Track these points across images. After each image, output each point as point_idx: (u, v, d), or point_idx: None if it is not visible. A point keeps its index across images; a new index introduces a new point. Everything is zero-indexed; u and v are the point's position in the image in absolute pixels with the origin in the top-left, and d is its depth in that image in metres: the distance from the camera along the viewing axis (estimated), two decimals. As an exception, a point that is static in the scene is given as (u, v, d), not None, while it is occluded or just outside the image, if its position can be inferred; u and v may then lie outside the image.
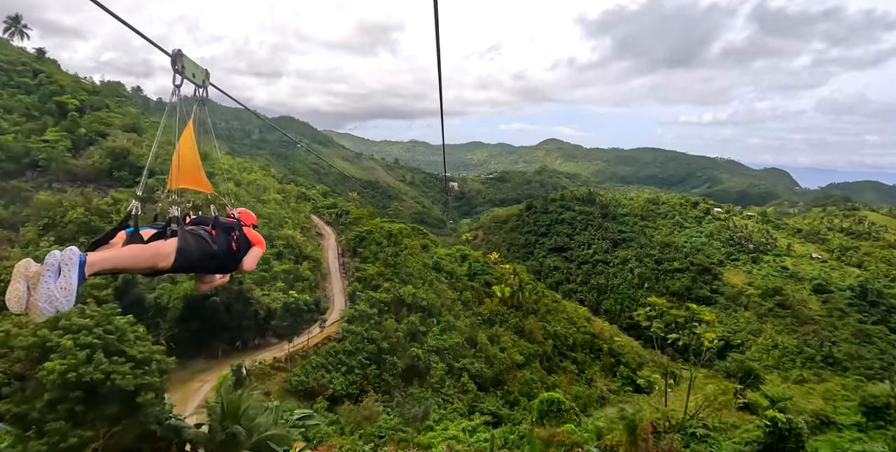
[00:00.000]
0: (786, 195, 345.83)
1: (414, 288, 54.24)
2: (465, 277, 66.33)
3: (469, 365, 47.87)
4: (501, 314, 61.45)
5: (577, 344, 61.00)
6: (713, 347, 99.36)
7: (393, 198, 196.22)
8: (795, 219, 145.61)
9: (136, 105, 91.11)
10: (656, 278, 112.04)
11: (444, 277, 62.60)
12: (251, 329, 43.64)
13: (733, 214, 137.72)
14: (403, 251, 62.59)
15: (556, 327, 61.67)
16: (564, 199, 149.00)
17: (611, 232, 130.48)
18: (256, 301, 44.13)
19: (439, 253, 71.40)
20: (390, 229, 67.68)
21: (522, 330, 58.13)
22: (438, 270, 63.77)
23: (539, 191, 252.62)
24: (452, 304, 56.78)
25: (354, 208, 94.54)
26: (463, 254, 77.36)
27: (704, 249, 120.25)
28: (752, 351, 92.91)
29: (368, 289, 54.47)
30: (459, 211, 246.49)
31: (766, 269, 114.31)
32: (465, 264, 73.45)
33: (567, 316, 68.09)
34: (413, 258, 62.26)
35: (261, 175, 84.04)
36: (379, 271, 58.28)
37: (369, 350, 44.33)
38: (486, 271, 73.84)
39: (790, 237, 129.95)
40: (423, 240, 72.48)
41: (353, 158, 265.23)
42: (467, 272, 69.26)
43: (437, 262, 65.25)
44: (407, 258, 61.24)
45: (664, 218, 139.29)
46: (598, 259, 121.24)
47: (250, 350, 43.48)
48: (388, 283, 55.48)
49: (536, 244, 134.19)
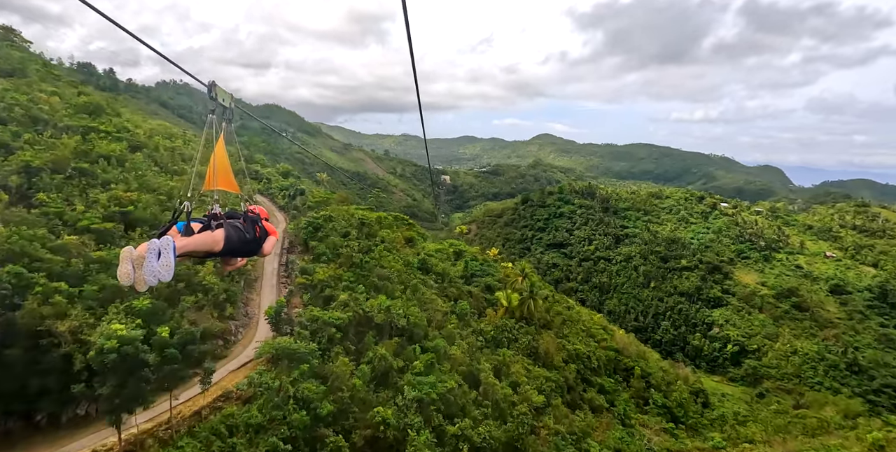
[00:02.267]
0: (782, 192, 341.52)
1: (388, 300, 38.49)
2: (460, 280, 52.76)
3: (470, 430, 31.20)
4: (509, 330, 47.41)
5: (601, 365, 49.19)
6: (727, 352, 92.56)
7: (382, 191, 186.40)
8: (804, 216, 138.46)
9: (23, 50, 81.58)
10: (663, 277, 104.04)
11: (434, 280, 48.64)
12: (59, 392, 24.31)
13: (741, 210, 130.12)
14: (379, 246, 47.54)
15: (576, 344, 49.44)
16: (563, 192, 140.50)
17: (612, 227, 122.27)
18: (68, 338, 24.89)
19: (428, 248, 57.48)
20: (363, 217, 52.21)
21: (537, 352, 45.05)
22: (426, 271, 49.65)
23: (533, 185, 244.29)
24: (444, 319, 42.38)
25: (317, 190, 76.57)
26: (457, 250, 63.51)
27: (713, 246, 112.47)
28: (769, 358, 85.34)
29: (316, 304, 37.23)
30: (451, 205, 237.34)
31: (780, 268, 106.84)
32: (459, 263, 59.67)
33: (584, 327, 56.38)
34: (392, 255, 47.65)
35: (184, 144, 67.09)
36: (336, 275, 41.19)
37: (296, 421, 25.93)
38: (486, 271, 60.55)
39: (801, 234, 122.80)
40: (408, 232, 57.69)
41: (342, 149, 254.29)
42: (463, 273, 55.61)
43: (425, 261, 51.00)
44: (383, 255, 46.71)
45: (669, 213, 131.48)
46: (600, 255, 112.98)
47: (65, 429, 24.46)
48: (347, 294, 38.19)
49: (534, 239, 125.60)
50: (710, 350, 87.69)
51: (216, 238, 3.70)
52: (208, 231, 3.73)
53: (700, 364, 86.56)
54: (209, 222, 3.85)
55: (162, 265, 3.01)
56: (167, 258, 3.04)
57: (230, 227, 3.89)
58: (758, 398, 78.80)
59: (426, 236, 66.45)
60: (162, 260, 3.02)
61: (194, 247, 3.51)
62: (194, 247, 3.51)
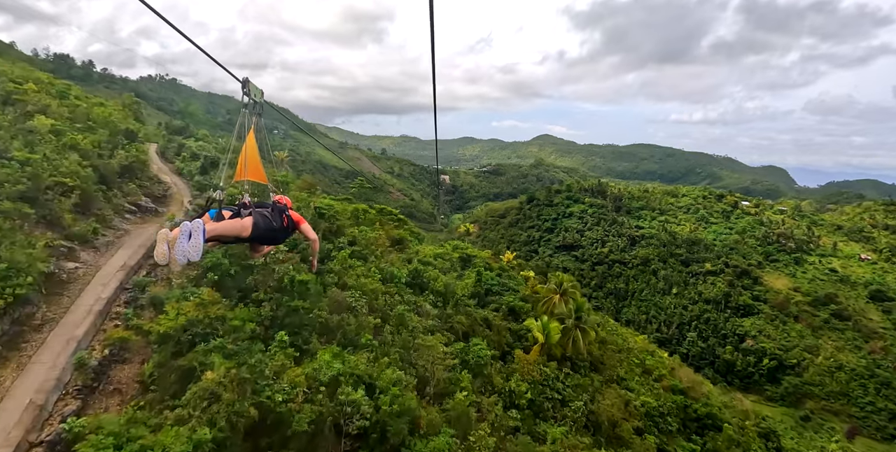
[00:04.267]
0: (789, 193, 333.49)
1: (341, 358, 18.39)
2: (471, 301, 34.99)
3: None
4: (552, 385, 29.55)
5: (677, 425, 33.23)
6: (764, 368, 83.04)
7: (378, 190, 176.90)
8: (829, 216, 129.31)
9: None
10: (685, 282, 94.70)
11: (433, 302, 30.46)
12: None
13: (763, 209, 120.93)
14: (343, 251, 27.92)
15: (642, 395, 34.04)
16: (571, 191, 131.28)
17: (627, 227, 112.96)
18: None
19: (424, 253, 40.06)
20: (324, 208, 31.33)
21: (598, 424, 27.79)
22: (420, 288, 31.67)
23: (535, 185, 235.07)
24: (448, 382, 22.42)
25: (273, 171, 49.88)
26: (463, 255, 46.46)
27: (738, 248, 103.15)
28: (811, 374, 75.91)
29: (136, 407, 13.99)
30: (451, 205, 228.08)
31: (812, 272, 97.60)
32: (468, 273, 40.39)
33: (637, 360, 41.40)
34: (368, 265, 29.30)
35: (119, 113, 46.78)
36: (217, 315, 18.11)
37: None
38: (506, 285, 43.40)
39: (830, 235, 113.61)
40: (395, 231, 40.36)
41: (337, 148, 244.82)
42: (474, 289, 37.74)
43: (420, 272, 32.70)
44: (350, 266, 27.26)
45: (686, 212, 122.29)
46: (615, 258, 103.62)
47: None
48: (229, 366, 15.18)
49: (541, 241, 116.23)
50: (744, 364, 78.20)
51: (245, 224, 3.90)
52: (238, 218, 3.96)
53: (732, 380, 77.09)
54: (239, 210, 4.09)
55: (192, 245, 3.17)
56: (197, 239, 3.21)
57: (258, 216, 4.06)
58: (802, 421, 69.42)
59: (422, 237, 53.90)
60: (192, 241, 3.19)
61: (223, 231, 3.73)
62: (223, 231, 3.73)
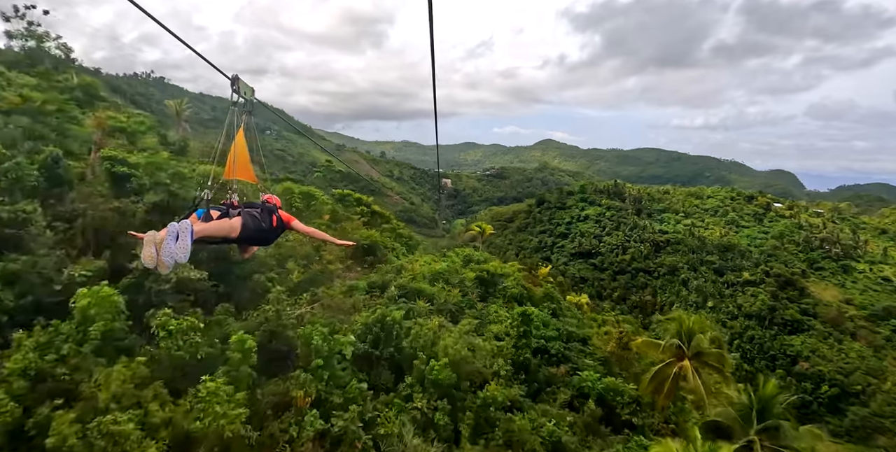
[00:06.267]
0: (801, 196, 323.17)
1: None
2: (522, 397, 19.98)
3: None
4: None
5: None
6: (824, 396, 71.61)
7: (376, 193, 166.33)
8: (870, 218, 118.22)
9: None
10: (720, 294, 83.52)
11: (421, 417, 17.09)
12: None
13: (799, 211, 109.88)
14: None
15: None
16: (585, 192, 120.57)
17: (650, 232, 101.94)
18: None
19: (417, 270, 26.53)
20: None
21: None
22: (397, 371, 19.14)
23: (541, 188, 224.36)
24: None
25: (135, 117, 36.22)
26: (484, 275, 30.08)
27: (778, 254, 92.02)
28: (880, 403, 64.36)
29: None
30: (453, 210, 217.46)
31: (863, 281, 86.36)
32: (501, 314, 25.54)
33: None
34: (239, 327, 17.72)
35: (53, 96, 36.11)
36: None
37: None
38: (572, 335, 27.53)
39: (875, 239, 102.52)
40: (368, 233, 27.19)
41: (333, 150, 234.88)
42: (516, 354, 21.89)
43: (389, 328, 19.95)
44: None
45: (713, 214, 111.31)
46: (638, 267, 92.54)
47: None
48: None
49: (554, 247, 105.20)
50: (799, 392, 66.69)
51: (233, 225, 3.81)
52: (226, 218, 3.85)
53: (789, 410, 65.53)
54: (227, 210, 3.97)
55: (179, 247, 3.09)
56: (184, 241, 3.13)
57: (247, 216, 3.96)
58: (877, 462, 57.84)
59: (416, 243, 38.82)
60: (180, 242, 3.10)
61: (211, 232, 3.64)
62: (211, 232, 3.64)
